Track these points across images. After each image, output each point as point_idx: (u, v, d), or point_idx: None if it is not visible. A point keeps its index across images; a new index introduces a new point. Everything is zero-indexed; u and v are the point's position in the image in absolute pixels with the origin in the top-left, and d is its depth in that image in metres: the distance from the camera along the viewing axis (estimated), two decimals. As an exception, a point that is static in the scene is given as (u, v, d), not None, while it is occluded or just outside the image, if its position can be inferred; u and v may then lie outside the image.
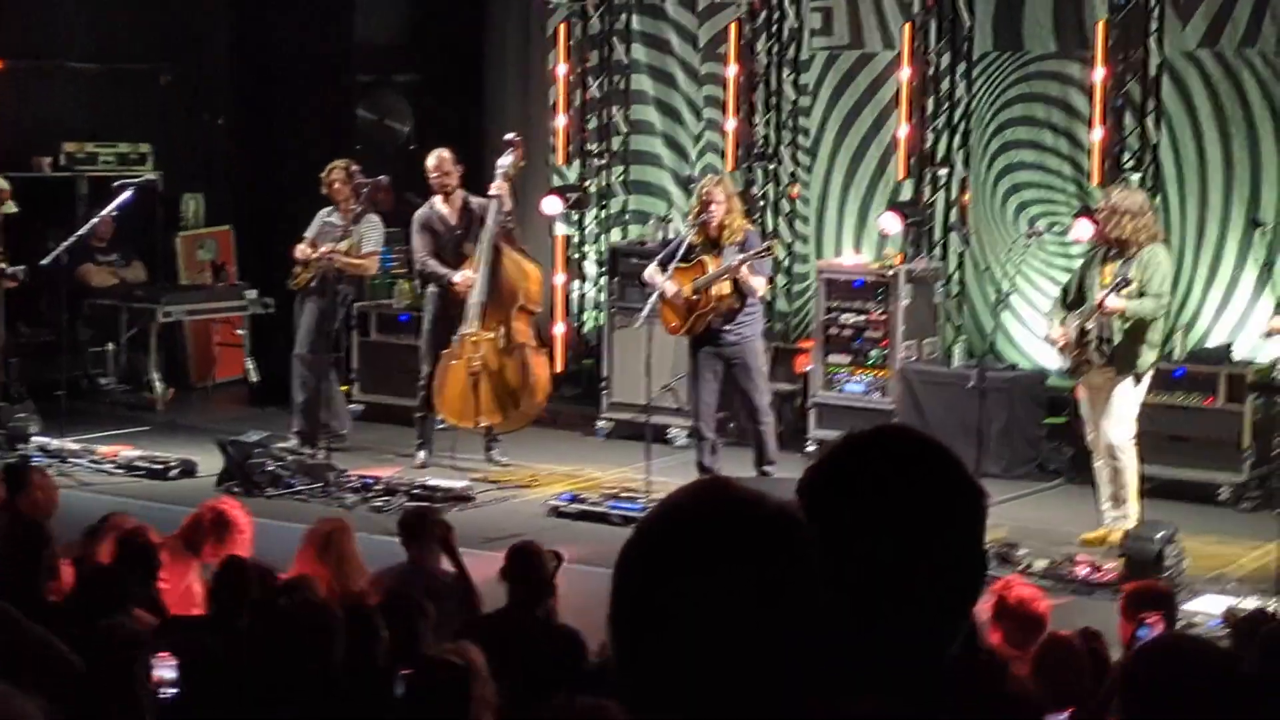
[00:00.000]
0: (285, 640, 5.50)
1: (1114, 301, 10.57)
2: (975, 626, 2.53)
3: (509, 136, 13.16)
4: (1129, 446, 10.79)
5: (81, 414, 14.12)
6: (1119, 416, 10.77)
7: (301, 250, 13.28)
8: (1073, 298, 11.01)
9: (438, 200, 13.02)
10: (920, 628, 2.42)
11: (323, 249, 13.14)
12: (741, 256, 11.67)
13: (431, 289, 13.19)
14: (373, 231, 13.35)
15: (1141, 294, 10.60)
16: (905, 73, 13.98)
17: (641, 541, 2.18)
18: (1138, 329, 10.68)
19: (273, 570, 7.06)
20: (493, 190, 12.76)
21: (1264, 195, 13.23)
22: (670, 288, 11.89)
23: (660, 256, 12.24)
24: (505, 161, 12.87)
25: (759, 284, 11.92)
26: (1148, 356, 10.78)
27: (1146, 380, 10.91)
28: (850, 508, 2.43)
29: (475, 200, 12.91)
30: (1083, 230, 12.18)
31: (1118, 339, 10.70)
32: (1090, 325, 10.72)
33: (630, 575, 2.17)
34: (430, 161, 12.99)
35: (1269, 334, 11.69)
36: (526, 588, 7.15)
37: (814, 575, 2.15)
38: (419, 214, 13.12)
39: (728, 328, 11.90)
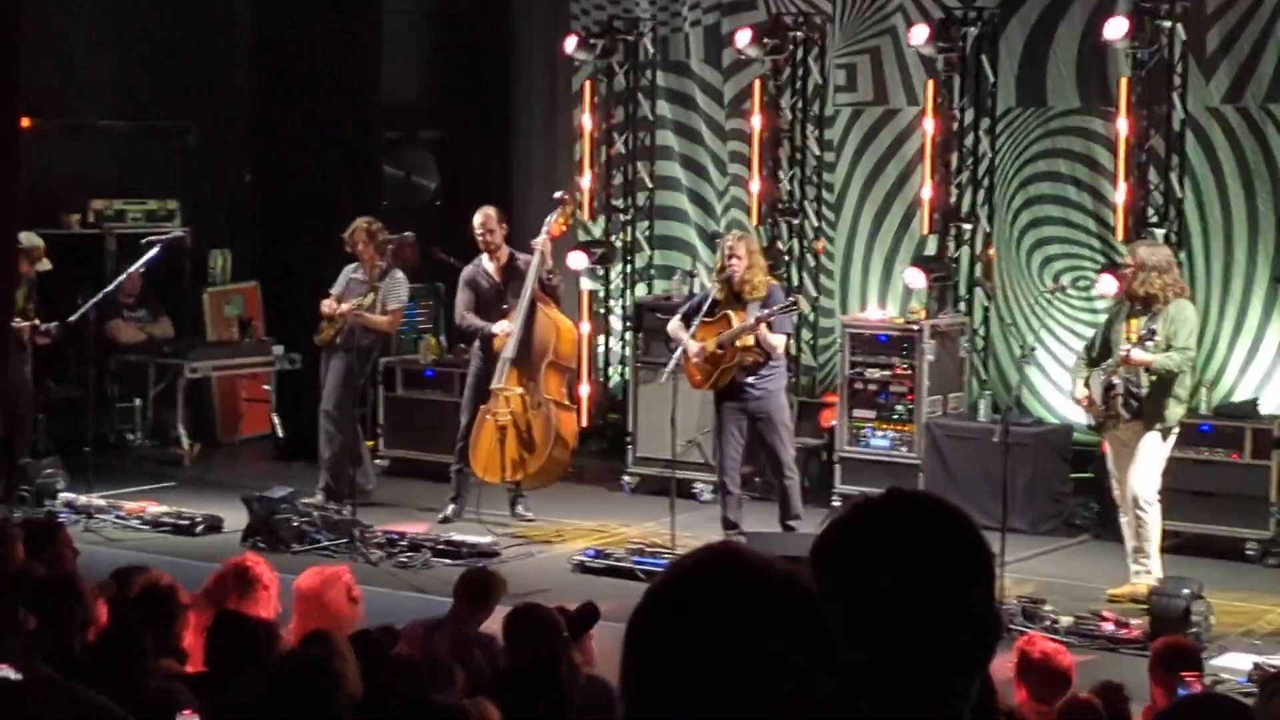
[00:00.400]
0: (288, 696, 5.51)
1: (1140, 355, 10.57)
2: (992, 689, 2.54)
3: (558, 194, 13.26)
4: (1154, 500, 10.78)
5: (108, 470, 14.15)
6: (1145, 470, 10.76)
7: (328, 305, 13.34)
8: (1097, 353, 11.02)
9: (484, 258, 13.07)
10: (933, 690, 2.44)
11: (346, 306, 13.20)
12: (763, 313, 11.71)
13: (476, 345, 13.23)
14: (397, 288, 13.39)
15: (1168, 348, 10.61)
16: (929, 128, 14.02)
17: (652, 600, 2.22)
18: (1165, 383, 10.68)
19: (268, 624, 7.07)
20: (535, 245, 12.81)
21: (1288, 250, 13.25)
22: (693, 346, 11.92)
23: (684, 310, 12.30)
24: (550, 218, 12.95)
25: (778, 341, 11.94)
26: (1175, 411, 10.78)
27: (1174, 435, 10.91)
28: (862, 571, 2.46)
29: (521, 257, 12.96)
30: (1107, 285, 12.19)
31: (1145, 393, 10.70)
32: (1117, 380, 10.72)
33: (641, 632, 2.21)
34: (476, 219, 13.03)
35: None
36: (528, 653, 6.98)
37: (821, 638, 2.17)
38: (465, 270, 13.17)
39: (752, 382, 11.92)
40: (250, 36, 16.97)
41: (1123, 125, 13.02)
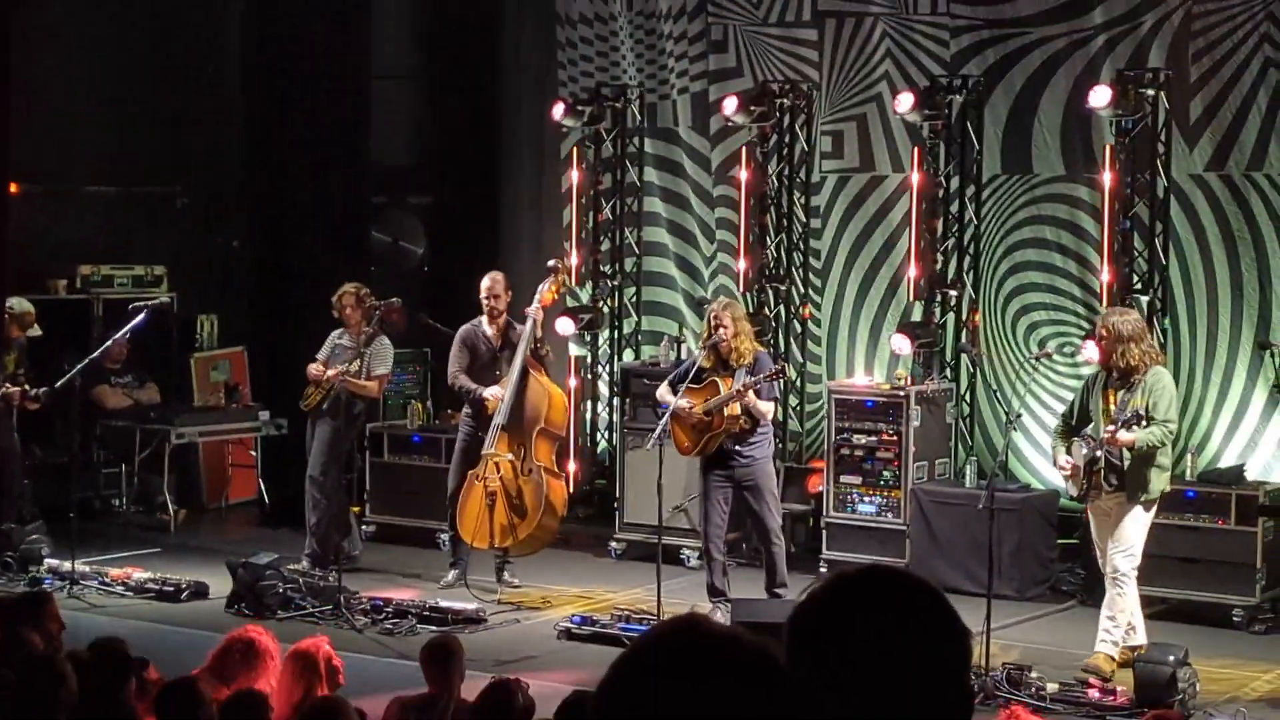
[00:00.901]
0: None
1: (1125, 436, 10.46)
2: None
3: (551, 262, 13.32)
4: (1131, 575, 10.62)
5: (94, 535, 14.12)
6: (1125, 543, 10.62)
7: (315, 370, 13.34)
8: (1075, 421, 10.97)
9: (484, 320, 13.09)
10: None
11: (332, 371, 13.20)
12: (748, 380, 11.70)
13: (465, 409, 13.22)
14: (383, 354, 13.39)
15: (1150, 420, 10.55)
16: (915, 195, 14.07)
17: (625, 667, 2.22)
18: (1147, 455, 10.62)
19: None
20: (529, 313, 12.83)
21: (1273, 317, 13.27)
22: (682, 402, 11.90)
23: (671, 376, 12.28)
24: (542, 286, 12.97)
25: (766, 408, 11.94)
26: (1158, 482, 10.69)
27: (1155, 505, 10.82)
28: (850, 626, 2.48)
29: (517, 327, 12.97)
30: (1092, 352, 12.18)
31: (1127, 465, 10.65)
32: (1100, 453, 10.66)
33: (613, 699, 2.21)
34: (484, 283, 13.07)
35: None
36: None
37: (794, 709, 2.17)
38: (463, 330, 13.18)
39: (739, 449, 11.90)
40: (240, 103, 17.03)
41: (1107, 192, 13.08)
